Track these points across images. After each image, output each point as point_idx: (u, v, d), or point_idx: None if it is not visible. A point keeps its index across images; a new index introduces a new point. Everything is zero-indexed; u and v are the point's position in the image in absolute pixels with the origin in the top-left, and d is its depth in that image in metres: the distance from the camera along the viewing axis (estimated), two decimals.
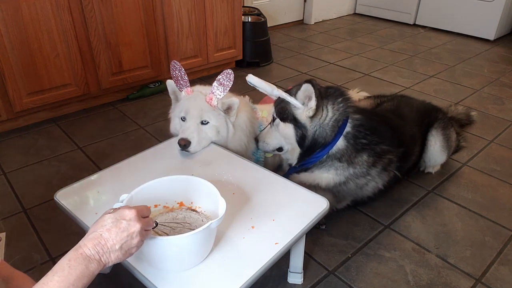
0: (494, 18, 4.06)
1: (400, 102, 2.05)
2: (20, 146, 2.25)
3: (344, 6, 5.08)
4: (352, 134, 1.53)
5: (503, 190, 1.96)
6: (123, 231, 0.84)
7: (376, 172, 1.60)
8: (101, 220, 0.86)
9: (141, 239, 0.88)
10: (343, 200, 1.66)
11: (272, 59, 3.59)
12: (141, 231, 0.87)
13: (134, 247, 0.87)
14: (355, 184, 1.59)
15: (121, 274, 1.45)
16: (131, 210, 0.88)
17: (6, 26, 2.11)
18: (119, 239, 0.83)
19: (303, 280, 1.43)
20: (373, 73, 3.36)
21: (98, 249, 0.81)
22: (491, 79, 3.26)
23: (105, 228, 0.83)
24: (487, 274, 1.50)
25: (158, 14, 2.67)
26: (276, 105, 1.57)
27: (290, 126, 1.53)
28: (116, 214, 0.86)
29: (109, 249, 0.82)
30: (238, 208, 1.24)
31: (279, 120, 1.56)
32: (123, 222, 0.85)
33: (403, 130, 1.79)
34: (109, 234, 0.83)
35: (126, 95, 2.81)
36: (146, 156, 1.53)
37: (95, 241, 0.81)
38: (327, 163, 1.56)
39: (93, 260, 0.80)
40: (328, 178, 1.57)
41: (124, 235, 0.84)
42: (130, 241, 0.85)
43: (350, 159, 1.55)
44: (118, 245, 0.83)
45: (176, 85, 1.63)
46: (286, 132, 1.55)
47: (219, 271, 1.03)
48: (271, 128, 1.63)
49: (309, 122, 1.50)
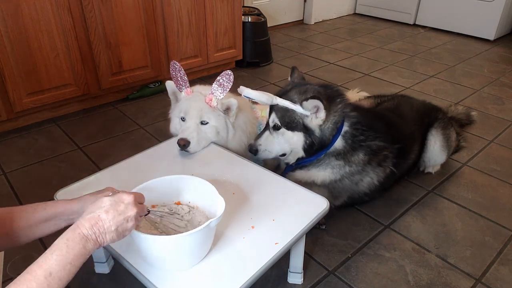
0: (494, 18, 4.06)
1: (400, 101, 2.05)
2: (20, 146, 2.26)
3: (344, 6, 5.08)
4: (350, 133, 1.55)
5: (503, 190, 1.96)
6: (120, 214, 0.87)
7: (371, 168, 1.61)
8: (99, 201, 0.88)
9: (135, 223, 0.91)
10: (339, 197, 1.66)
11: (272, 59, 3.59)
12: (136, 215, 0.91)
13: (127, 230, 0.90)
14: (350, 181, 1.60)
15: (121, 274, 1.45)
16: (130, 195, 0.92)
17: (6, 26, 2.11)
18: (116, 222, 0.86)
19: (303, 280, 1.43)
20: (373, 73, 3.36)
21: (95, 229, 0.83)
22: (491, 79, 3.26)
23: (103, 209, 0.86)
24: (487, 274, 1.50)
25: (158, 14, 2.67)
26: (279, 114, 1.52)
27: (299, 134, 1.51)
28: (115, 197, 0.89)
29: (105, 230, 0.85)
30: (238, 208, 1.24)
31: (285, 129, 1.53)
32: (121, 205, 0.88)
33: (400, 128, 1.79)
34: (107, 215, 0.85)
35: (126, 95, 2.81)
36: (146, 156, 1.53)
37: (93, 221, 0.84)
38: (324, 161, 1.57)
39: (90, 240, 0.82)
40: (324, 175, 1.58)
41: (121, 218, 0.87)
42: (126, 224, 0.88)
43: (347, 157, 1.56)
44: (114, 226, 0.86)
45: (176, 86, 1.63)
46: (294, 140, 1.53)
47: (219, 271, 1.03)
48: (272, 135, 1.57)
49: (318, 129, 1.50)
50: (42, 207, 1.00)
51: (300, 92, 1.52)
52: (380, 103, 2.09)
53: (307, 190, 1.33)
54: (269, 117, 1.58)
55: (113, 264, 1.48)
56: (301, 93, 1.51)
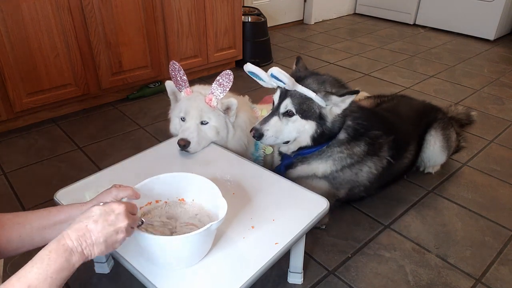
0: (494, 18, 4.06)
1: (399, 102, 2.05)
2: (20, 146, 2.25)
3: (344, 6, 5.08)
4: (352, 127, 1.56)
5: (503, 190, 1.96)
6: (110, 224, 0.82)
7: (369, 157, 1.63)
8: (89, 211, 0.83)
9: (126, 235, 0.86)
10: (340, 188, 1.65)
11: (272, 59, 3.59)
12: (128, 227, 0.86)
13: (117, 243, 0.85)
14: (350, 171, 1.61)
15: (121, 274, 1.45)
16: (121, 205, 0.86)
17: (6, 26, 2.11)
18: (105, 233, 0.81)
19: (303, 280, 1.43)
20: (373, 73, 3.36)
21: (82, 241, 0.78)
22: (491, 79, 3.26)
23: (91, 219, 0.81)
24: (487, 274, 1.50)
25: (158, 14, 2.67)
26: (296, 100, 1.47)
27: (312, 123, 1.49)
28: (105, 207, 0.84)
29: (93, 242, 0.80)
30: (238, 208, 1.24)
31: (299, 116, 1.49)
32: (111, 215, 0.83)
33: (395, 123, 1.80)
34: (95, 226, 0.80)
35: (126, 95, 2.81)
36: (146, 156, 1.53)
37: (80, 232, 0.79)
38: (326, 153, 1.57)
39: (75, 252, 0.77)
40: (326, 167, 1.59)
41: (110, 230, 0.82)
42: (115, 236, 0.83)
43: (349, 148, 1.57)
44: (102, 238, 0.81)
45: (176, 86, 1.63)
46: (305, 128, 1.50)
47: (219, 271, 1.03)
48: (281, 121, 1.51)
49: (332, 119, 1.50)
50: (57, 209, 0.97)
51: (318, 81, 1.50)
52: (380, 103, 2.10)
53: (307, 190, 1.33)
54: (279, 102, 1.51)
55: (113, 264, 1.48)
56: (320, 83, 1.49)
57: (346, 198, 1.72)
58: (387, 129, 1.71)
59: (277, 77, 1.41)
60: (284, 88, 1.48)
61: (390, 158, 1.70)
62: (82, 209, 0.97)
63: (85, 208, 0.96)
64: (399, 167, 1.83)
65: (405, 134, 1.84)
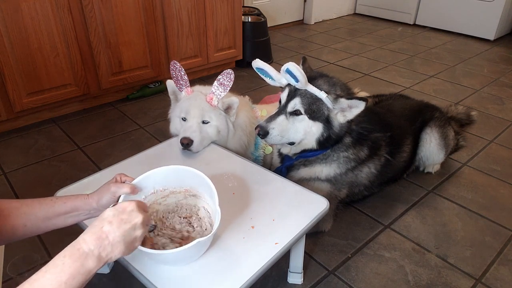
0: (494, 18, 4.06)
1: (395, 100, 2.06)
2: (20, 146, 2.25)
3: (344, 6, 5.08)
4: (356, 131, 1.55)
5: (503, 190, 1.96)
6: (126, 222, 0.81)
7: (370, 158, 1.63)
8: (101, 215, 0.82)
9: (144, 230, 0.84)
10: (342, 189, 1.65)
11: (272, 59, 3.59)
12: (143, 222, 0.84)
13: (137, 241, 0.83)
14: (352, 173, 1.61)
15: (121, 274, 1.45)
16: (131, 202, 0.85)
17: (6, 26, 2.11)
18: (122, 231, 0.79)
19: (303, 280, 1.43)
20: (373, 73, 3.36)
21: (98, 243, 0.76)
22: (491, 79, 3.26)
23: (106, 221, 0.79)
24: (487, 274, 1.50)
25: (158, 14, 2.67)
26: (306, 100, 1.43)
27: (319, 125, 1.46)
28: (117, 207, 0.83)
29: (110, 243, 0.77)
30: (238, 208, 1.24)
31: (307, 117, 1.46)
32: (124, 213, 0.82)
33: (390, 120, 1.81)
34: (111, 226, 0.78)
35: (126, 95, 2.81)
36: (146, 156, 1.53)
37: (95, 235, 0.77)
38: (332, 157, 1.56)
39: (91, 256, 0.75)
40: (329, 170, 1.58)
41: (127, 227, 0.80)
42: (133, 233, 0.82)
43: (354, 153, 1.57)
44: (119, 237, 0.79)
45: (176, 85, 1.63)
46: (312, 130, 1.47)
47: (219, 270, 1.03)
48: (287, 120, 1.47)
49: (340, 124, 1.47)
50: (62, 201, 0.98)
51: (329, 83, 1.48)
52: (378, 103, 2.10)
53: (307, 190, 1.33)
54: (287, 101, 1.47)
55: (113, 264, 1.48)
56: (331, 85, 1.47)
57: (348, 198, 1.72)
58: (383, 126, 1.71)
59: (293, 73, 1.36)
60: (294, 86, 1.44)
61: (387, 155, 1.70)
62: (86, 201, 0.99)
63: (90, 201, 0.98)
64: (397, 163, 1.83)
65: (401, 130, 1.83)
